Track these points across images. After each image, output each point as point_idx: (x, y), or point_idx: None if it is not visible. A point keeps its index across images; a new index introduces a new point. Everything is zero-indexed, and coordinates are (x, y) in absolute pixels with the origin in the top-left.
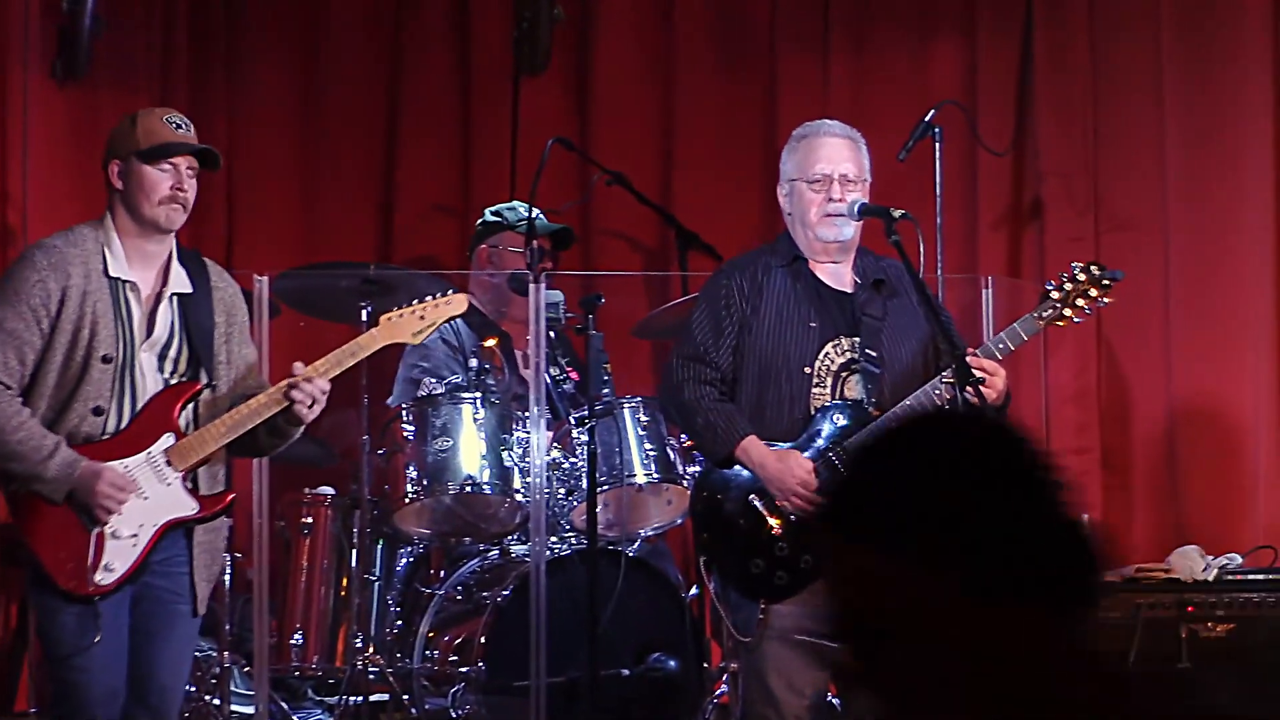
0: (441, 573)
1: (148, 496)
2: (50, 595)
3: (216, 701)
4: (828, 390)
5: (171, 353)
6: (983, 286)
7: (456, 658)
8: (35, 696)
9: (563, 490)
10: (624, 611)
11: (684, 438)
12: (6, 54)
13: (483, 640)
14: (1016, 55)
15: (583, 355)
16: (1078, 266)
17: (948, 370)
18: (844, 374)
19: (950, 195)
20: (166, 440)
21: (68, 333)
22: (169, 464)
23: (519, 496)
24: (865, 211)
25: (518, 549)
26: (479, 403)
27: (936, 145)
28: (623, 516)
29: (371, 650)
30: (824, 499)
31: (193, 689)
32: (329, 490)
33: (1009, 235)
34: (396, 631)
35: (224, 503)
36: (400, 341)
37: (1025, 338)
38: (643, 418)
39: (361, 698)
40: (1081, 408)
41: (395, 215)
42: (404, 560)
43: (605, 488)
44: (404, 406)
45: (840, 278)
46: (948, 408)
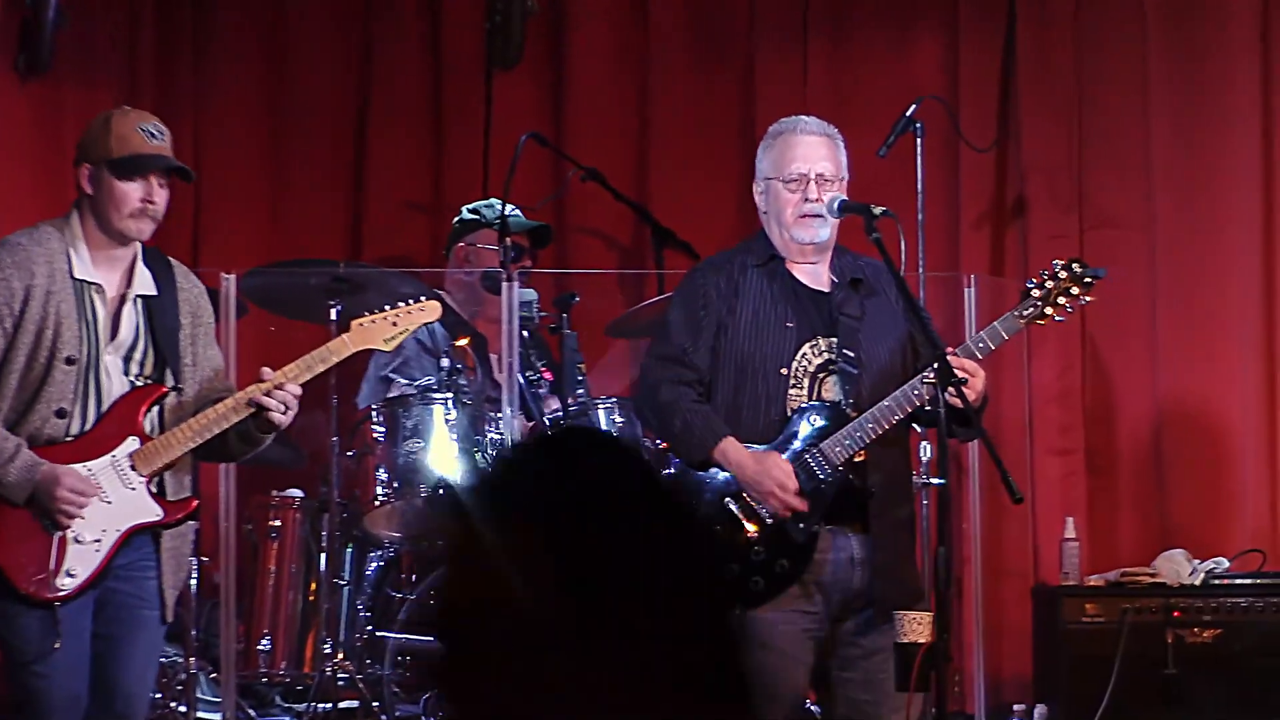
0: (413, 577)
1: (111, 501)
2: (10, 600)
3: (183, 708)
4: (804, 391)
5: (137, 355)
6: (965, 285)
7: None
8: None
9: None
10: None
11: (659, 440)
12: None
13: None
14: (999, 49)
15: (557, 355)
16: (1059, 264)
17: (927, 370)
18: (821, 375)
19: (932, 192)
20: (131, 444)
21: (31, 333)
22: (133, 468)
23: None
24: (845, 209)
25: None
26: (451, 403)
27: (918, 141)
28: None
29: (341, 656)
30: (475, 487)
31: (158, 695)
32: (297, 493)
33: (991, 233)
34: (367, 637)
35: (188, 509)
36: (372, 348)
37: (1006, 337)
38: (618, 419)
39: (330, 705)
40: (1065, 408)
41: (365, 212)
42: (374, 564)
43: None
44: (374, 407)
45: (817, 277)
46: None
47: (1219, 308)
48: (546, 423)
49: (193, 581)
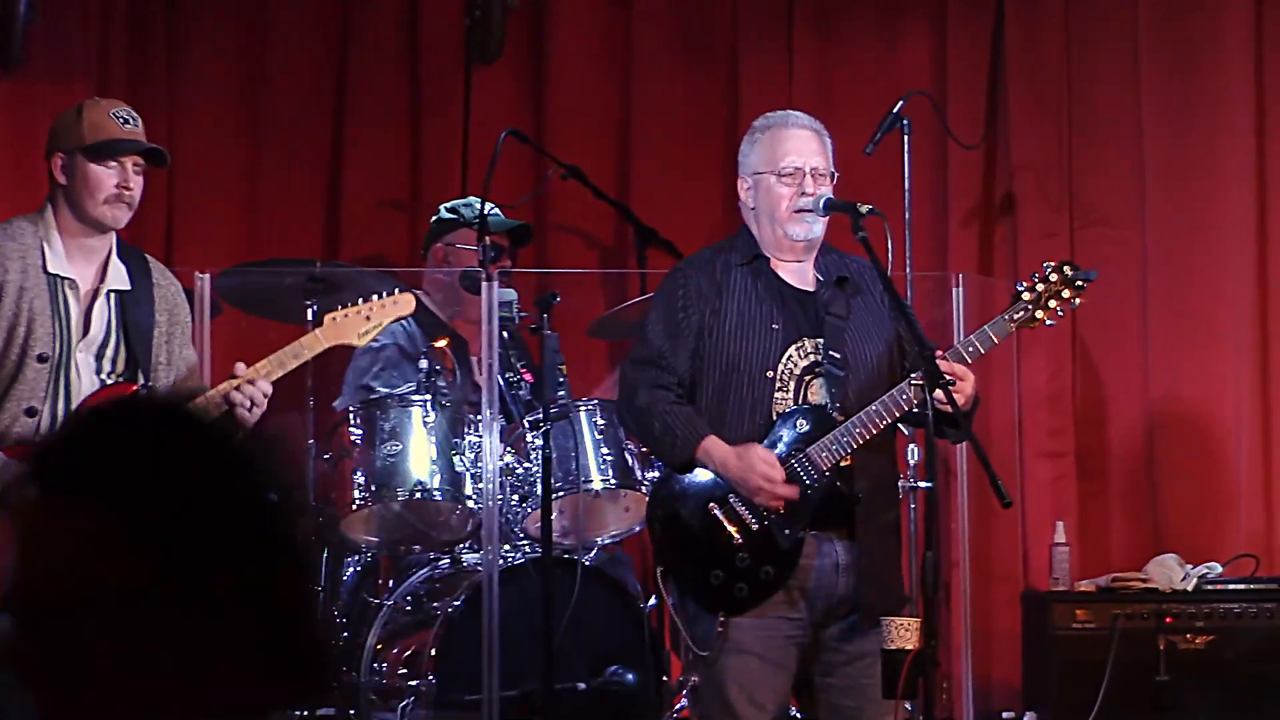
0: (390, 582)
1: None
2: None
3: None
4: (790, 395)
5: (109, 352)
6: (953, 284)
7: (405, 671)
8: None
9: (516, 497)
10: (580, 623)
11: (640, 445)
12: None
13: (433, 653)
14: (988, 44)
15: (537, 356)
16: (1049, 266)
17: (916, 372)
18: (807, 377)
19: (919, 190)
20: None
21: (3, 330)
22: None
23: (471, 503)
24: (831, 207)
25: (469, 558)
26: (429, 406)
27: (905, 138)
28: (579, 524)
29: None
30: (43, 448)
31: None
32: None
33: (980, 231)
34: (343, 643)
35: None
36: (346, 343)
37: (996, 340)
38: (599, 421)
39: (306, 712)
40: (1056, 411)
41: (342, 210)
42: (351, 569)
43: (560, 494)
44: (351, 409)
45: (803, 276)
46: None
47: (1212, 307)
48: (525, 425)
49: None
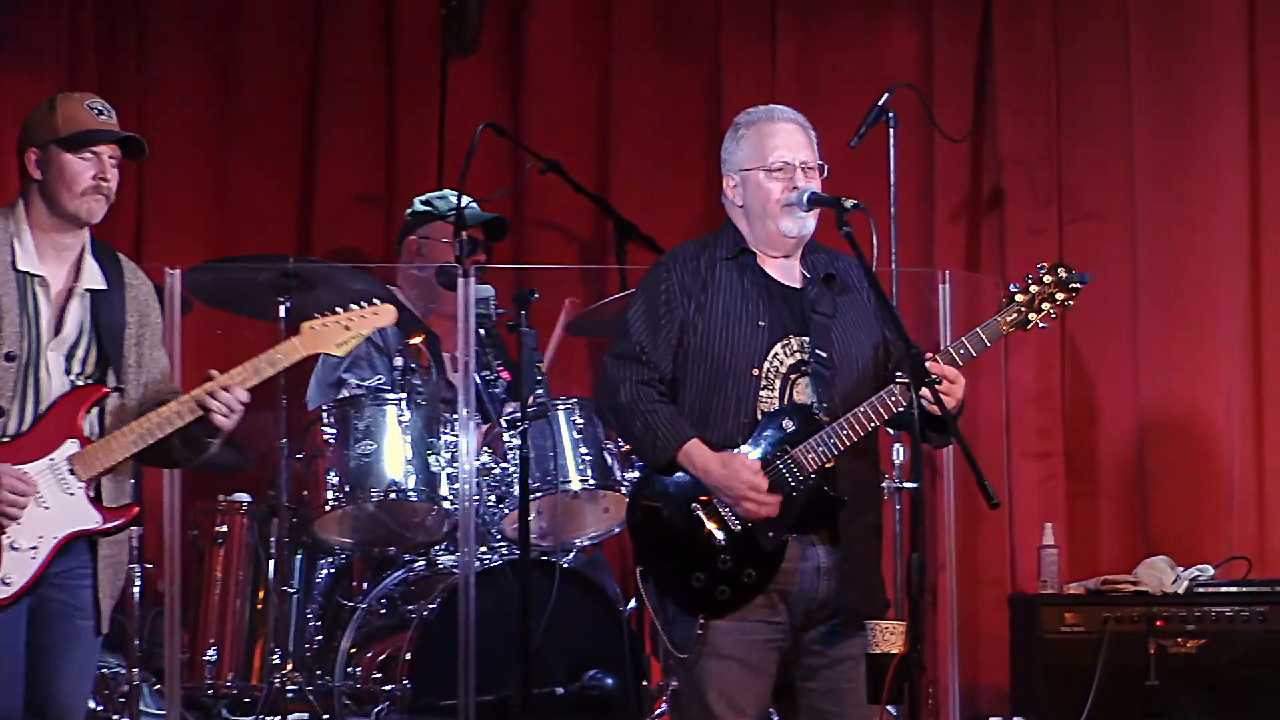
0: (364, 585)
1: (49, 506)
2: None
3: None
4: (776, 393)
5: (79, 352)
6: (939, 281)
7: (380, 675)
8: None
9: (493, 497)
10: (558, 626)
11: (621, 442)
12: None
13: (408, 656)
14: (975, 35)
15: (515, 354)
16: (1044, 268)
17: (901, 372)
18: (793, 376)
19: (905, 184)
20: (70, 447)
21: None
22: (72, 472)
23: (447, 504)
24: (815, 201)
25: (445, 559)
26: (404, 404)
27: (890, 131)
28: (557, 525)
29: (290, 667)
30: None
31: (100, 708)
32: (245, 497)
33: (967, 227)
34: (316, 647)
35: (128, 516)
36: (324, 352)
37: (988, 343)
38: (578, 420)
39: (279, 717)
40: (1044, 410)
41: (316, 205)
42: (324, 571)
43: (538, 495)
44: (324, 408)
45: (789, 272)
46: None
47: (1203, 304)
48: (503, 424)
49: (136, 589)
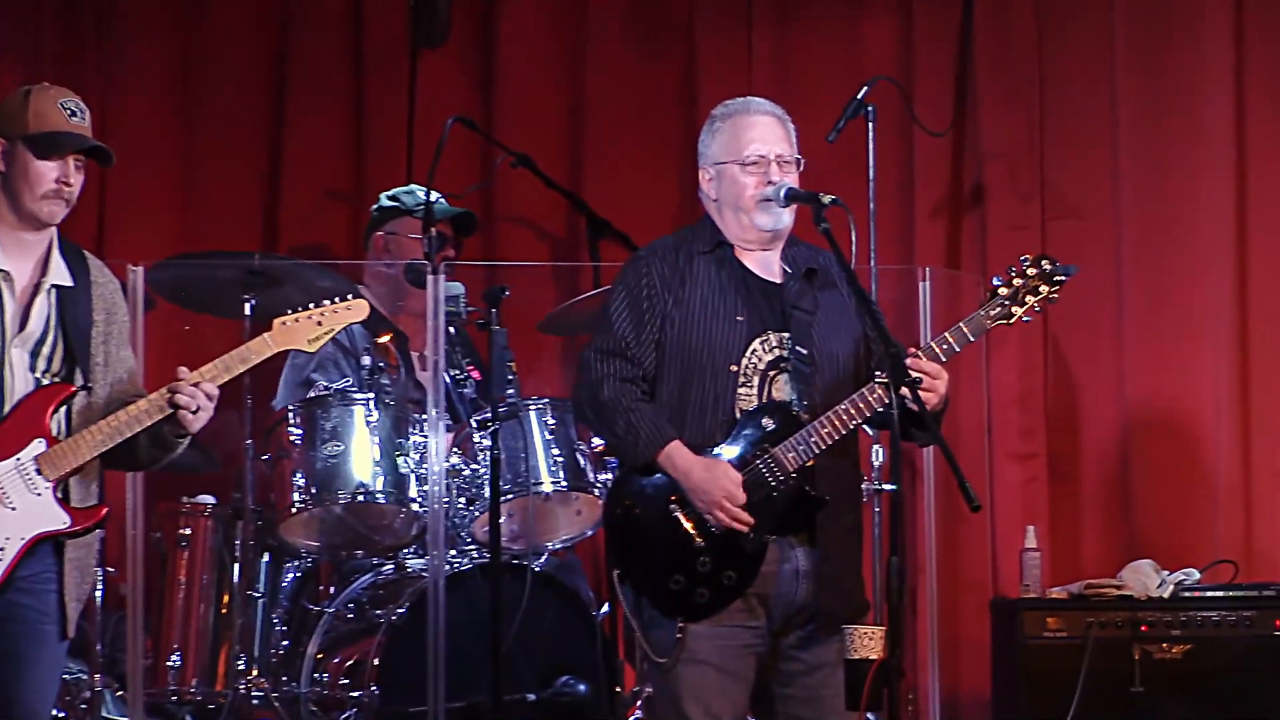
0: (331, 589)
1: (15, 507)
2: None
3: None
4: (754, 390)
5: (45, 350)
6: (920, 278)
7: (347, 681)
8: None
9: (463, 500)
10: (530, 631)
11: (595, 442)
12: None
13: (376, 662)
14: (956, 27)
15: (485, 353)
16: (1027, 260)
17: (882, 370)
18: (772, 373)
19: (884, 180)
20: (37, 446)
21: None
22: (39, 472)
23: (415, 506)
24: (792, 197)
25: (414, 563)
26: (372, 404)
27: (869, 125)
28: (528, 528)
29: (255, 673)
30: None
31: (62, 714)
32: (209, 499)
33: (948, 223)
34: (282, 652)
35: (97, 516)
36: (294, 348)
37: (972, 339)
38: (550, 421)
39: None
40: (1026, 411)
41: (282, 200)
42: (290, 575)
43: (509, 497)
44: (291, 408)
45: (768, 267)
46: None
47: (1189, 303)
48: (473, 425)
49: (98, 593)
